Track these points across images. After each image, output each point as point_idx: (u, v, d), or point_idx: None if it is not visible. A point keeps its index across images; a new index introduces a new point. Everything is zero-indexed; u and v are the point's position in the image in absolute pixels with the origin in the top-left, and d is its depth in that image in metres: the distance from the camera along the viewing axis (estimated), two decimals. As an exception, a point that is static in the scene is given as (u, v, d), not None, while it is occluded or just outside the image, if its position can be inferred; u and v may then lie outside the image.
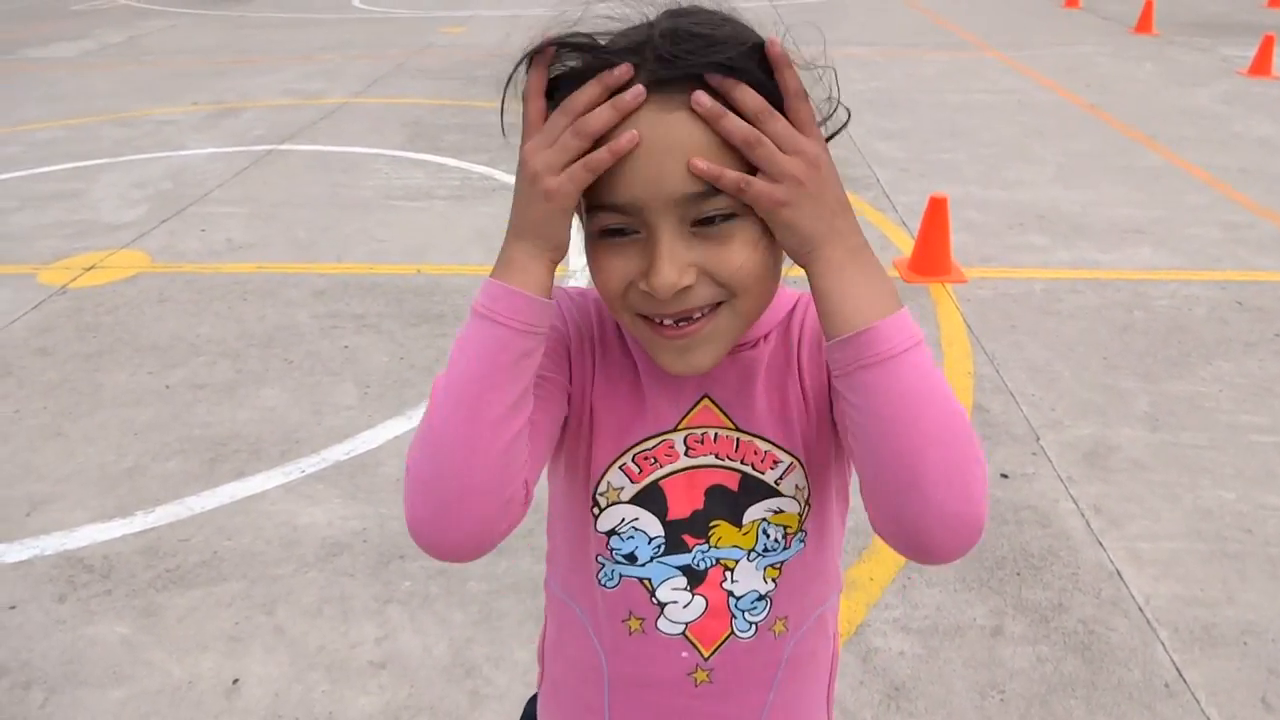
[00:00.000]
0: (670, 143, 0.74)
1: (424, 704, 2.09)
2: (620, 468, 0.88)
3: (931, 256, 4.15)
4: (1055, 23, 10.75)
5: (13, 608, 2.38)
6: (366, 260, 4.43)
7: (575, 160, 0.74)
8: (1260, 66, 7.89)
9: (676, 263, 0.76)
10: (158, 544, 2.59)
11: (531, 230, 0.77)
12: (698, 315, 0.79)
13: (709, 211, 0.76)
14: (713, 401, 0.89)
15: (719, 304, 0.79)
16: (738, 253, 0.77)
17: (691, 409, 0.88)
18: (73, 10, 13.13)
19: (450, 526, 0.78)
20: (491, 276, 0.79)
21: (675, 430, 0.88)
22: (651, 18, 0.78)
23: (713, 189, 0.74)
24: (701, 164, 0.73)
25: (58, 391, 3.36)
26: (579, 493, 0.90)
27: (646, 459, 0.88)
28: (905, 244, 4.43)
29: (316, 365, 3.50)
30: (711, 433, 0.88)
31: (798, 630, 0.93)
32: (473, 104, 7.28)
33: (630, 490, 0.89)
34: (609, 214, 0.77)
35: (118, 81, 8.45)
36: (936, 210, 4.12)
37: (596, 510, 0.90)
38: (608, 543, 0.90)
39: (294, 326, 3.80)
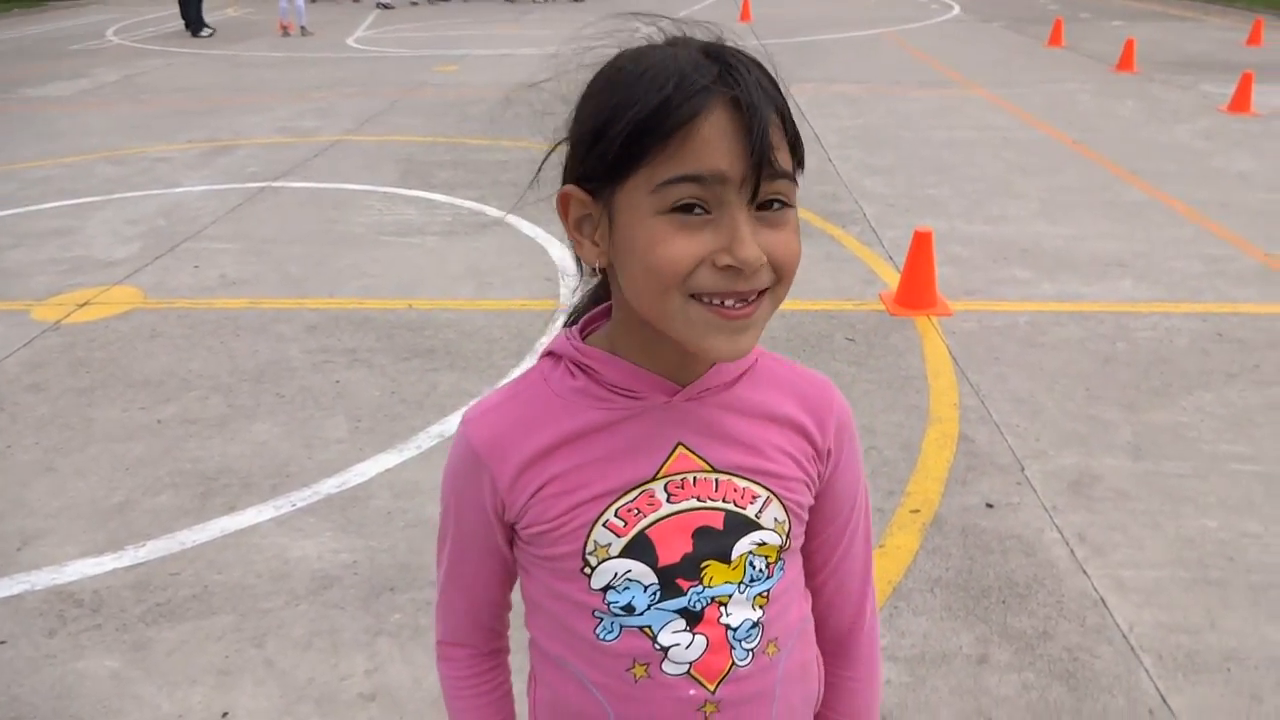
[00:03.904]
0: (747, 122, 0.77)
1: (413, 736, 2.10)
2: (604, 524, 0.89)
3: (917, 290, 4.21)
4: (1038, 61, 10.93)
5: (3, 643, 2.38)
6: (358, 295, 4.47)
7: None
8: (1240, 103, 8.04)
9: (755, 238, 0.78)
10: (148, 578, 2.60)
11: None
12: (753, 298, 0.81)
13: (769, 195, 0.79)
14: (687, 448, 0.90)
15: (764, 290, 0.82)
16: (792, 238, 0.81)
17: (668, 458, 0.90)
18: (70, 50, 13.27)
19: None
20: None
21: (655, 479, 0.89)
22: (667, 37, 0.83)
23: (782, 170, 0.79)
24: None
25: (49, 427, 3.37)
26: (566, 557, 0.90)
27: (630, 511, 0.89)
28: (891, 277, 4.49)
29: (308, 399, 3.53)
30: (691, 477, 0.90)
31: (787, 646, 0.96)
32: (465, 141, 7.36)
33: (618, 545, 0.89)
34: (687, 185, 0.77)
35: (113, 120, 8.53)
36: (921, 244, 4.18)
37: (588, 570, 0.90)
38: (604, 598, 0.90)
39: (285, 361, 3.83)
